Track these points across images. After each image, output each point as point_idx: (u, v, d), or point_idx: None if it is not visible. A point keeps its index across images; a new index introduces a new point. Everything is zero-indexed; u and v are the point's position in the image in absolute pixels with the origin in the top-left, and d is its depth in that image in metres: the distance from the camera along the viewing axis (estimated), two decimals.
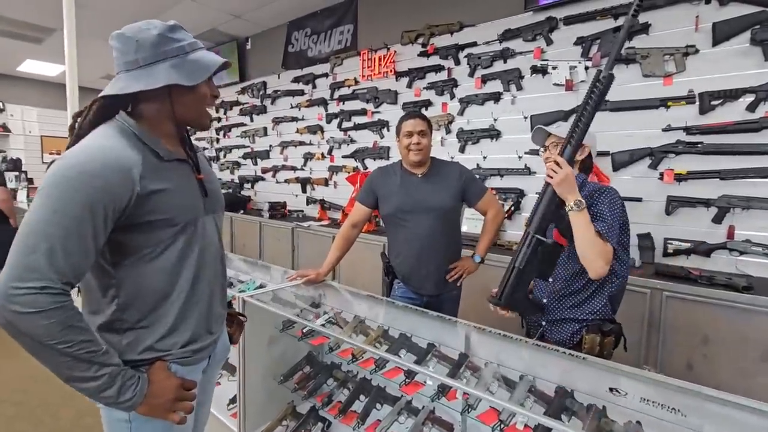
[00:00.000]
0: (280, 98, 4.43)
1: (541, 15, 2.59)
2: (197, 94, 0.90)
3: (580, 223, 1.16)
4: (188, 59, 0.86)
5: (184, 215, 0.89)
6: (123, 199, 0.78)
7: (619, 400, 0.95)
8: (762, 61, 1.95)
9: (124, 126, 0.86)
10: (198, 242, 0.93)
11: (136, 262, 0.85)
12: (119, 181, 0.77)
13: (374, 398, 1.48)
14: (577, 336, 1.25)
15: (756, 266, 1.98)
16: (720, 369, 1.75)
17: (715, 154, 2.07)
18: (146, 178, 0.82)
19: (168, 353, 0.89)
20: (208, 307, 0.98)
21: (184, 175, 0.93)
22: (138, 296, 0.86)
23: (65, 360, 0.72)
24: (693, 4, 2.11)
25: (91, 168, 0.75)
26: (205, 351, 0.97)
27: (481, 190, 1.83)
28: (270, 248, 3.87)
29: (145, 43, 0.83)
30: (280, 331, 1.64)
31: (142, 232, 0.83)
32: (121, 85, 0.84)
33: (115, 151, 0.79)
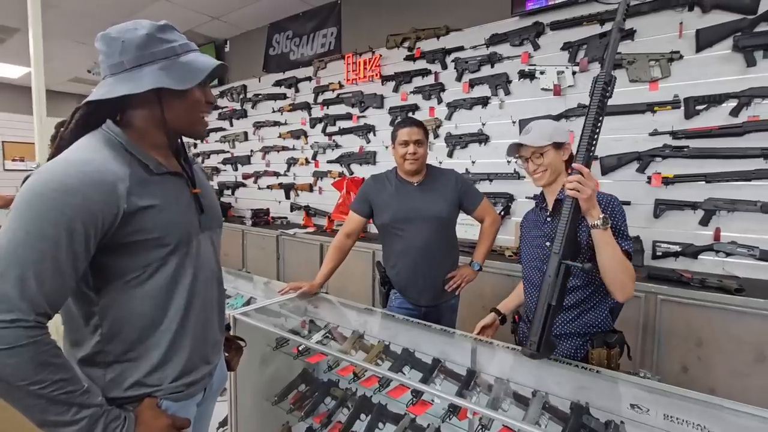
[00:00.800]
0: (262, 102, 4.32)
1: (528, 20, 2.60)
2: (189, 99, 0.82)
3: (607, 241, 1.07)
4: (179, 61, 0.79)
5: (176, 234, 0.81)
6: (107, 217, 0.70)
7: (641, 417, 0.92)
8: (744, 68, 2.00)
9: (110, 136, 0.78)
10: (191, 264, 0.85)
11: (121, 288, 0.76)
12: (101, 198, 0.69)
13: (376, 417, 1.42)
14: (582, 350, 1.22)
15: (742, 267, 2.03)
16: (715, 371, 1.77)
17: (701, 157, 2.11)
18: (134, 194, 0.74)
19: (158, 388, 0.80)
20: (204, 334, 0.89)
21: (176, 190, 0.85)
22: (123, 326, 0.77)
23: (38, 402, 0.63)
24: (676, 11, 2.15)
25: (68, 183, 0.67)
26: (200, 383, 0.89)
27: (478, 198, 1.80)
28: (254, 257, 3.75)
29: (131, 44, 0.76)
30: (273, 349, 1.56)
31: (128, 253, 0.75)
32: (104, 90, 0.77)
33: (96, 164, 0.71)
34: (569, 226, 1.06)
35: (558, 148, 1.27)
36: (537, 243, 1.30)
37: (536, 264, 1.29)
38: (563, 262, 1.05)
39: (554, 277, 1.05)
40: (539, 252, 1.28)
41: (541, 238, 1.29)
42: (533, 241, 1.32)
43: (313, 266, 3.24)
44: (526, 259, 1.35)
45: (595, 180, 1.07)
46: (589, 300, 1.24)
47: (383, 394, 1.25)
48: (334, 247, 1.82)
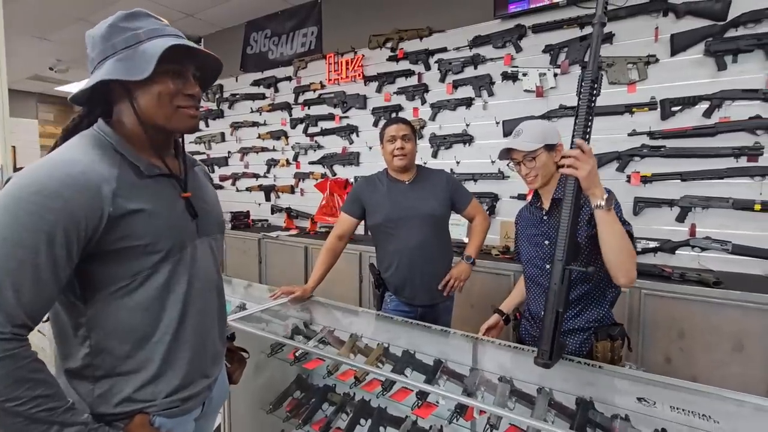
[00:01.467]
0: (239, 102, 4.21)
1: (510, 22, 2.65)
2: (153, 90, 0.74)
3: (611, 221, 1.02)
4: (138, 50, 0.72)
5: (167, 240, 0.76)
6: (91, 222, 0.66)
7: (648, 409, 0.94)
8: (715, 71, 2.10)
9: (99, 135, 0.75)
10: (186, 271, 0.80)
11: (109, 298, 0.72)
12: (85, 202, 0.66)
13: (377, 421, 1.40)
14: (587, 345, 1.24)
15: (715, 261, 2.13)
16: (696, 361, 1.85)
17: (677, 157, 2.21)
18: (121, 196, 0.70)
19: (150, 404, 0.76)
20: (202, 346, 0.84)
21: (167, 193, 0.80)
22: (113, 338, 0.73)
23: (15, 421, 0.60)
24: (652, 16, 2.24)
25: (48, 187, 0.63)
26: (197, 398, 0.84)
27: (468, 197, 1.82)
28: (235, 261, 3.64)
29: (96, 38, 0.74)
30: (268, 355, 1.51)
31: (116, 261, 0.71)
32: (78, 87, 0.75)
33: (80, 166, 0.67)
34: (569, 232, 1.04)
35: (550, 150, 1.28)
36: (536, 241, 1.32)
37: (537, 262, 1.30)
38: (568, 268, 1.04)
39: (560, 284, 1.04)
40: (539, 250, 1.30)
41: (539, 237, 1.31)
42: (531, 239, 1.34)
43: (297, 269, 3.18)
44: (526, 258, 1.37)
45: (594, 158, 1.02)
46: (591, 294, 1.26)
47: (387, 398, 1.23)
48: (326, 249, 1.78)
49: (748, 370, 1.74)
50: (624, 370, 1.07)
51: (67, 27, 4.14)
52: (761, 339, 1.71)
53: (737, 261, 2.07)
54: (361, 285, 2.85)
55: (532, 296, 1.36)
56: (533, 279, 1.33)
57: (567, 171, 1.03)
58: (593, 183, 1.02)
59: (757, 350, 1.72)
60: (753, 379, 1.72)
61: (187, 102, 0.79)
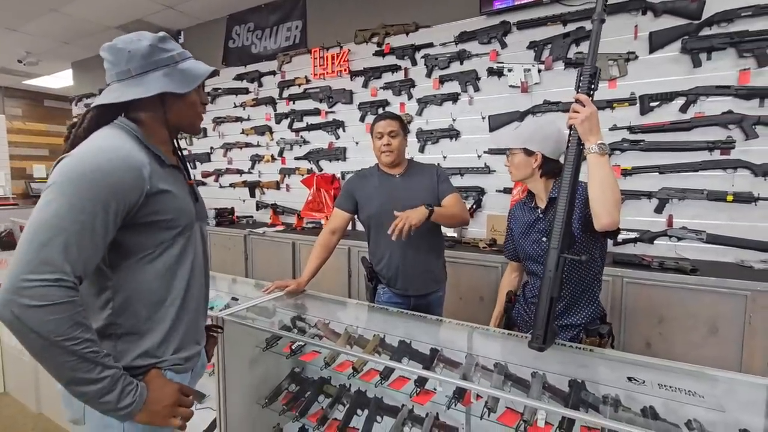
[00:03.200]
0: (222, 97, 4.13)
1: (496, 19, 2.69)
2: (188, 101, 0.93)
3: (603, 164, 1.06)
4: (178, 68, 0.90)
5: (184, 218, 0.91)
6: (133, 197, 0.80)
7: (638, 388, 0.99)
8: (691, 68, 2.19)
9: (128, 129, 0.88)
10: (192, 247, 0.95)
11: (134, 264, 0.85)
12: (131, 179, 0.79)
13: (373, 411, 1.42)
14: (576, 340, 1.30)
15: (691, 250, 2.23)
16: (674, 345, 1.94)
17: (655, 150, 2.29)
18: (154, 178, 0.84)
19: (162, 360, 0.89)
20: (196, 315, 0.98)
21: (179, 180, 0.95)
22: (134, 300, 0.86)
23: (70, 360, 0.70)
24: (632, 15, 2.32)
25: (105, 165, 0.77)
26: (192, 360, 0.97)
27: (450, 189, 1.78)
28: (220, 258, 3.59)
29: (136, 53, 0.87)
30: (263, 349, 1.51)
31: (145, 232, 0.85)
32: (115, 94, 0.86)
33: (125, 150, 0.81)
34: (566, 220, 1.09)
35: (529, 154, 1.34)
36: (534, 239, 1.37)
37: (539, 259, 1.35)
38: (562, 255, 1.09)
39: (554, 271, 1.09)
40: (537, 248, 1.35)
41: (537, 234, 1.36)
42: (530, 238, 1.39)
43: (285, 265, 3.16)
44: (526, 256, 1.41)
45: (593, 107, 1.08)
46: (584, 292, 1.32)
47: (385, 387, 1.25)
48: (319, 244, 1.79)
49: (722, 351, 1.84)
50: (614, 352, 1.12)
51: (39, 18, 3.97)
52: (734, 322, 1.81)
53: (711, 249, 2.18)
54: (350, 279, 2.86)
55: (533, 287, 1.42)
56: (536, 274, 1.37)
57: (570, 122, 1.10)
58: (589, 130, 1.06)
59: (731, 333, 1.82)
60: (727, 360, 1.81)
61: (203, 110, 1.00)
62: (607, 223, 1.09)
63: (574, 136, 1.11)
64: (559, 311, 1.32)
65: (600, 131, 1.09)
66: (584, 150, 1.10)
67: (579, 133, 1.08)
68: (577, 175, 1.12)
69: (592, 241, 1.29)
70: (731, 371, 1.00)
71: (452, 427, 1.35)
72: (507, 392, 1.11)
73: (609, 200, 1.08)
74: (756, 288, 1.76)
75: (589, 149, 1.08)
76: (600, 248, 1.34)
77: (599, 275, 1.36)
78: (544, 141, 1.33)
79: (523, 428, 1.02)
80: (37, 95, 7.23)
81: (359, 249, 2.74)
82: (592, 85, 1.13)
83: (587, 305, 1.32)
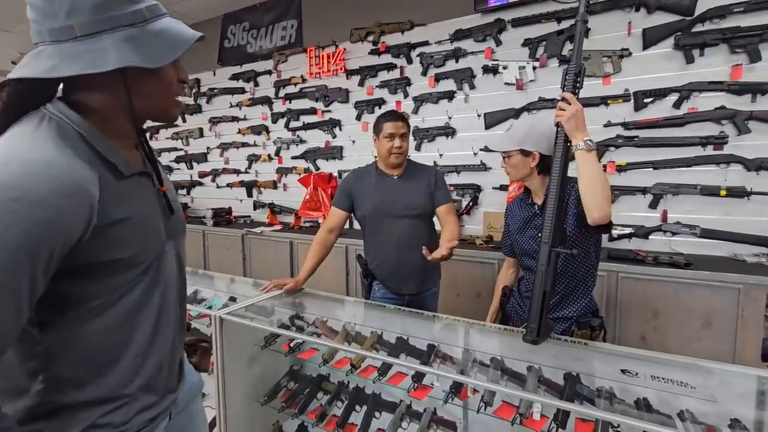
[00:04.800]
0: (218, 96, 4.13)
1: (490, 16, 2.70)
2: (162, 79, 0.66)
3: (591, 160, 1.09)
4: (149, 30, 0.62)
5: (151, 250, 0.68)
6: (74, 234, 0.55)
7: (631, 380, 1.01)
8: (684, 64, 2.21)
9: (64, 124, 0.60)
10: (160, 283, 0.72)
11: (77, 319, 0.61)
12: (73, 210, 0.54)
13: (372, 407, 1.43)
14: (568, 333, 1.32)
15: (686, 245, 2.25)
16: (669, 339, 1.96)
17: (649, 146, 2.31)
18: (105, 203, 0.59)
19: (120, 429, 0.68)
20: (171, 360, 0.77)
21: (145, 194, 0.71)
22: (76, 366, 0.63)
23: None
24: (625, 11, 2.33)
25: (33, 192, 0.51)
26: (163, 414, 0.77)
27: (446, 198, 1.78)
28: (217, 258, 3.59)
29: (84, 2, 0.57)
30: (261, 348, 1.52)
31: (94, 277, 0.61)
32: (48, 64, 0.57)
33: (61, 165, 0.55)
34: (556, 215, 1.12)
35: (526, 155, 1.35)
36: (531, 234, 1.39)
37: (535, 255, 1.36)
38: (554, 249, 1.11)
39: (547, 265, 1.11)
40: (533, 244, 1.37)
41: (534, 230, 1.37)
42: (526, 233, 1.40)
43: (283, 264, 3.17)
44: (523, 252, 1.43)
45: (579, 105, 1.10)
46: (577, 287, 1.34)
47: (383, 383, 1.26)
48: (316, 242, 1.80)
49: (716, 345, 1.86)
50: (608, 345, 1.13)
51: None
52: (727, 315, 1.83)
53: (705, 244, 2.20)
54: (348, 277, 2.87)
55: (528, 282, 1.43)
56: (532, 269, 1.39)
57: (555, 120, 1.12)
58: (575, 127, 1.10)
59: (724, 326, 1.84)
60: (721, 353, 1.83)
61: (181, 90, 0.71)
62: (599, 217, 1.10)
63: (561, 133, 1.14)
64: (553, 304, 1.34)
65: (586, 128, 1.11)
66: (572, 147, 1.12)
67: (566, 130, 1.11)
68: (565, 172, 1.15)
69: (586, 237, 1.30)
70: (723, 363, 1.02)
71: (450, 421, 1.37)
72: (503, 386, 1.12)
73: (599, 195, 1.10)
74: (749, 282, 1.78)
75: (577, 146, 1.10)
76: (594, 243, 1.35)
77: (593, 270, 1.37)
78: (539, 139, 1.34)
79: (518, 421, 1.04)
80: None
81: (357, 247, 2.75)
82: (578, 84, 1.16)
83: (580, 299, 1.34)
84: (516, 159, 1.36)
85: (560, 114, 1.12)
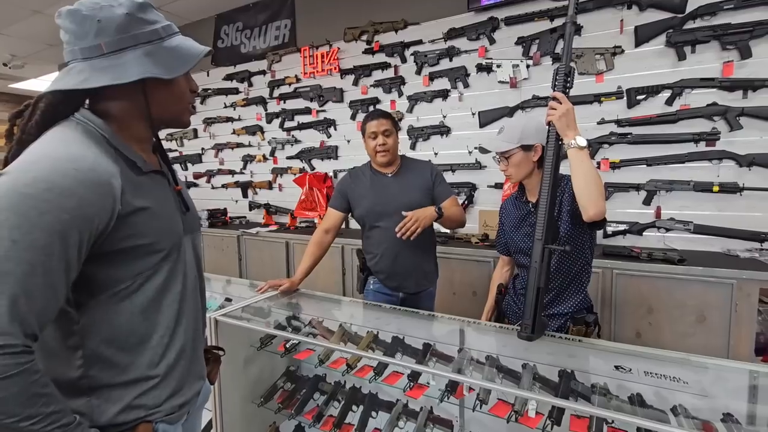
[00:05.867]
0: (212, 97, 4.11)
1: (483, 15, 2.70)
2: (176, 88, 0.76)
3: (583, 158, 1.10)
4: (164, 46, 0.72)
5: (169, 239, 0.76)
6: (101, 221, 0.63)
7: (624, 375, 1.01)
8: (676, 61, 2.22)
9: (90, 128, 0.70)
10: (181, 270, 0.80)
11: (107, 301, 0.69)
12: (97, 200, 0.62)
13: (368, 407, 1.43)
14: (563, 329, 1.32)
15: (679, 241, 2.26)
16: (663, 334, 1.97)
17: (642, 143, 2.32)
18: (127, 193, 0.68)
19: (153, 412, 0.74)
20: (194, 348, 0.84)
21: (162, 190, 0.79)
22: (109, 345, 0.70)
23: None
24: (617, 9, 2.34)
25: (61, 183, 0.59)
26: (191, 402, 0.83)
27: (448, 193, 1.79)
28: (213, 259, 3.58)
29: (110, 24, 0.67)
30: (257, 349, 1.52)
31: (119, 261, 0.69)
32: (80, 78, 0.67)
33: (88, 161, 0.64)
34: (549, 213, 1.13)
35: (527, 150, 1.34)
36: (525, 232, 1.39)
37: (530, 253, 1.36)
38: (547, 247, 1.12)
39: (540, 262, 1.12)
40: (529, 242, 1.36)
41: (529, 227, 1.37)
42: (521, 230, 1.40)
43: (279, 265, 3.16)
44: (518, 249, 1.43)
45: (569, 104, 1.12)
46: (571, 283, 1.35)
47: (379, 382, 1.26)
48: (313, 243, 1.79)
49: (710, 339, 1.87)
50: (602, 342, 1.14)
51: (24, 20, 3.92)
52: (721, 310, 1.85)
53: (698, 239, 2.21)
54: (344, 277, 2.87)
55: (523, 279, 1.43)
56: (527, 267, 1.39)
57: (547, 118, 1.14)
58: (567, 125, 1.11)
59: (718, 321, 1.85)
60: (714, 348, 1.85)
61: (192, 99, 0.82)
62: (594, 214, 1.11)
63: (553, 131, 1.15)
64: (548, 301, 1.35)
65: (577, 127, 1.13)
66: (564, 145, 1.14)
67: (557, 129, 1.13)
68: (557, 169, 1.17)
69: (580, 233, 1.31)
70: (716, 357, 1.03)
71: (446, 420, 1.37)
72: (499, 384, 1.12)
73: (593, 192, 1.11)
74: (742, 276, 1.79)
75: (569, 144, 1.12)
76: (589, 240, 1.36)
77: (587, 266, 1.38)
78: (538, 131, 1.34)
79: (514, 419, 1.04)
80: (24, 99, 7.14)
81: (353, 247, 2.75)
82: (568, 83, 1.18)
83: (575, 295, 1.35)
84: (518, 157, 1.34)
85: (551, 113, 1.14)
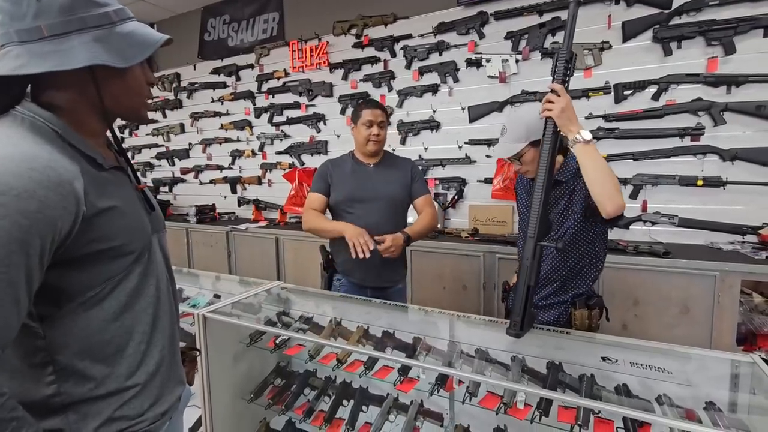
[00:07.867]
0: (198, 91, 4.05)
1: (473, 9, 2.70)
2: (132, 79, 0.69)
3: (591, 154, 1.04)
4: (117, 32, 0.65)
5: (139, 240, 0.71)
6: (64, 225, 0.57)
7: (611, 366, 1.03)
8: (662, 56, 2.25)
9: (38, 123, 0.62)
10: (153, 273, 0.75)
11: (75, 311, 0.64)
12: (59, 201, 0.56)
13: (359, 401, 1.43)
14: (565, 315, 1.32)
15: (665, 234, 2.30)
16: (649, 326, 2.01)
17: (629, 138, 2.35)
18: (91, 193, 0.62)
19: (137, 421, 0.70)
20: (172, 352, 0.80)
21: (125, 187, 0.73)
22: (83, 357, 0.65)
23: None
24: (605, 4, 2.35)
25: (16, 185, 0.53)
26: (173, 408, 0.79)
27: (424, 190, 1.80)
28: (201, 256, 3.54)
29: (51, 4, 0.60)
30: (247, 345, 1.50)
31: (86, 267, 0.63)
32: (16, 63, 0.59)
33: (43, 159, 0.57)
34: (542, 209, 1.10)
35: (536, 145, 1.28)
36: None
37: None
38: (539, 244, 1.11)
39: (531, 259, 1.10)
40: None
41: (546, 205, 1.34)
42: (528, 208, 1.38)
43: (269, 260, 3.14)
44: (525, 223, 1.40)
45: (567, 97, 1.06)
46: (574, 272, 1.33)
47: (369, 377, 1.27)
48: (313, 214, 1.73)
49: (693, 330, 1.91)
50: (589, 334, 1.15)
51: None
52: (704, 302, 1.89)
53: (683, 233, 2.25)
54: None
55: None
56: None
57: (545, 114, 1.08)
58: (568, 120, 1.05)
59: (701, 312, 1.90)
60: (698, 338, 1.89)
61: (148, 93, 0.75)
62: (612, 210, 1.05)
63: (550, 126, 1.10)
64: (550, 291, 1.34)
65: (578, 120, 1.09)
66: (568, 142, 1.09)
67: (559, 125, 1.07)
68: (552, 165, 1.13)
69: (591, 228, 1.28)
70: (699, 348, 1.05)
71: (437, 412, 1.38)
72: (488, 377, 1.13)
73: (609, 187, 1.05)
74: (724, 269, 1.83)
75: (575, 139, 1.05)
76: (600, 235, 1.33)
77: (596, 261, 1.34)
78: (539, 126, 1.31)
79: (503, 410, 1.05)
80: None
81: None
82: (568, 71, 1.12)
83: (579, 286, 1.33)
84: (530, 154, 1.30)
85: (549, 107, 1.07)
